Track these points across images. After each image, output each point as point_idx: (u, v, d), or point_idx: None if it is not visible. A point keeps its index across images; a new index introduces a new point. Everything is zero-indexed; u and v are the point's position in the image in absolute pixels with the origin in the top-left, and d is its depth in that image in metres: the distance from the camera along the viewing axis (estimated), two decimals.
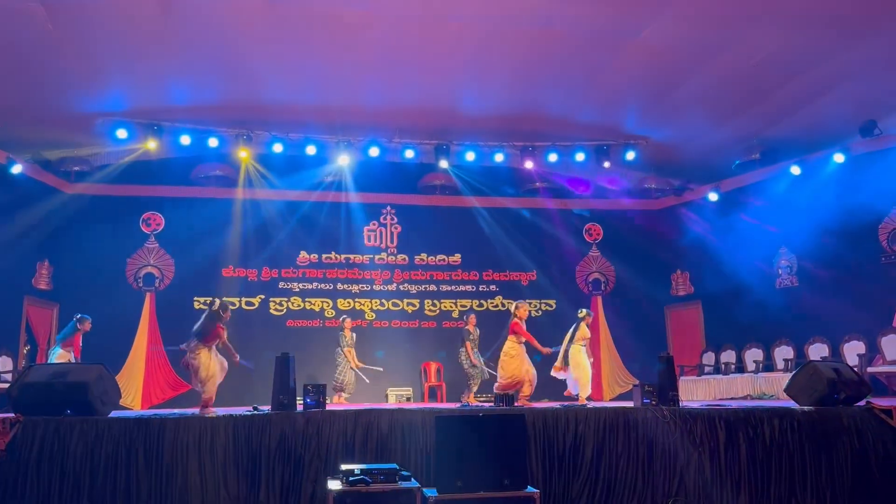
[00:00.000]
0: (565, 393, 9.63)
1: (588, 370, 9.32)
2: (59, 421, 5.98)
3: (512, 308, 9.66)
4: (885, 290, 10.87)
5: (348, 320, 11.91)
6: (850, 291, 11.19)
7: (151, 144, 11.65)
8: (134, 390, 12.09)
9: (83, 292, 11.92)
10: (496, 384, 9.44)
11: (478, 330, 11.33)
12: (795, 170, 11.87)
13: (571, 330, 9.43)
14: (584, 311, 9.67)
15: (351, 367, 11.56)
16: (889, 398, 9.36)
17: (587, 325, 9.53)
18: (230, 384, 8.59)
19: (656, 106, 11.33)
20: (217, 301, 8.25)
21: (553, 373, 9.54)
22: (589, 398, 9.34)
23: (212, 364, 7.93)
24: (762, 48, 9.22)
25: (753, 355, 12.33)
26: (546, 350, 9.48)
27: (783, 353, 11.90)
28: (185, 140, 11.75)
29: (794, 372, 7.80)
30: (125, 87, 10.64)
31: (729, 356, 12.77)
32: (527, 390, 9.29)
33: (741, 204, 12.99)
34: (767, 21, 8.62)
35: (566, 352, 9.35)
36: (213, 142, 11.89)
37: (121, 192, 12.72)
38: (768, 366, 12.02)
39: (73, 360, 9.43)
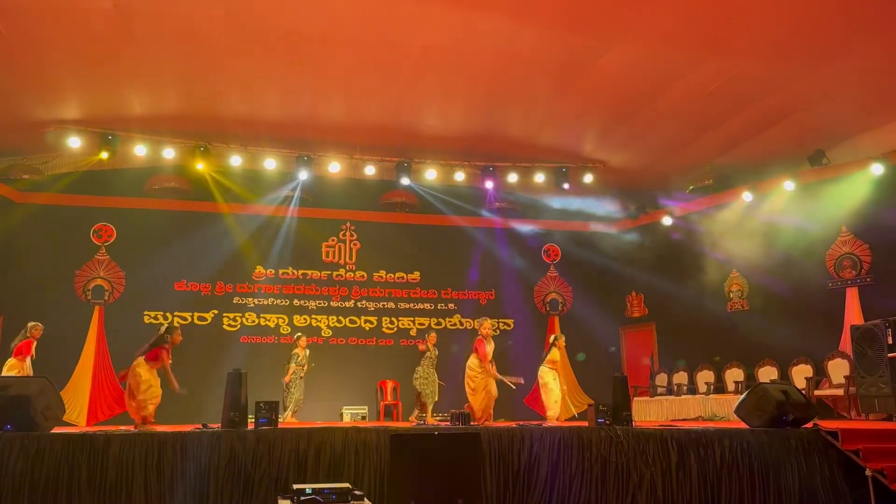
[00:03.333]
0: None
1: (553, 392, 9.63)
2: None
3: (476, 325, 9.84)
4: (831, 315, 11.17)
5: (303, 338, 11.42)
6: (798, 316, 11.48)
7: (105, 154, 11.41)
8: (79, 406, 11.70)
9: (30, 304, 11.53)
10: (469, 405, 9.57)
11: (436, 349, 11.19)
12: (747, 196, 12.19)
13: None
14: (555, 335, 10.10)
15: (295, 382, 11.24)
16: (835, 420, 9.59)
17: (558, 349, 9.91)
18: (179, 401, 8.40)
19: (614, 131, 11.53)
20: (165, 325, 8.34)
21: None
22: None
23: (152, 380, 7.96)
24: (716, 77, 9.47)
25: (705, 377, 12.54)
26: (505, 378, 9.67)
27: (734, 375, 12.12)
28: (140, 150, 11.53)
29: (744, 394, 7.94)
30: (79, 95, 10.41)
31: (681, 377, 12.96)
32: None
33: (694, 228, 13.27)
34: (722, 52, 8.86)
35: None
36: (168, 153, 11.70)
37: (72, 202, 12.40)
38: (719, 387, 12.22)
39: (26, 369, 9.26)
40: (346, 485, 5.70)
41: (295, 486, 5.52)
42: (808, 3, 7.89)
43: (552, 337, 10.36)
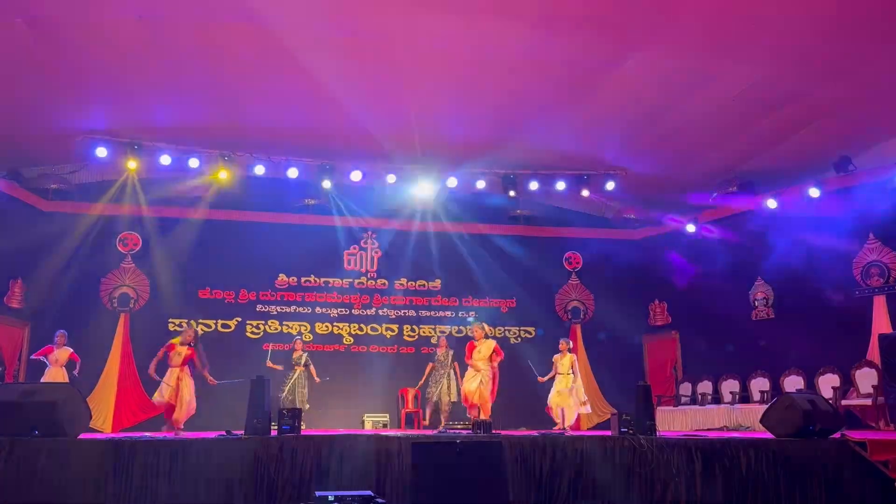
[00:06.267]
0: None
1: (564, 399, 9.65)
2: (26, 441, 5.84)
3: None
4: (858, 323, 10.99)
5: (299, 341, 11.54)
6: (824, 324, 11.31)
7: (131, 164, 11.55)
8: (105, 412, 11.83)
9: (56, 312, 11.69)
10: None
11: (451, 351, 11.27)
12: (772, 203, 12.06)
13: None
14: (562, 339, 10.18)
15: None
16: (863, 431, 9.44)
17: (562, 355, 9.95)
18: (202, 407, 8.51)
19: (636, 137, 11.46)
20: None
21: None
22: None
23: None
24: (740, 83, 9.39)
25: (730, 386, 12.39)
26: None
27: (759, 384, 11.97)
28: (166, 160, 11.66)
29: (769, 404, 7.84)
30: (106, 106, 10.57)
31: (706, 387, 12.81)
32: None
33: (718, 235, 13.14)
34: (746, 57, 8.79)
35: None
36: (193, 162, 11.83)
37: (98, 210, 12.55)
38: (744, 397, 12.07)
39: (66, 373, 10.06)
40: (369, 492, 5.71)
41: (317, 493, 5.54)
42: (834, 9, 7.81)
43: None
